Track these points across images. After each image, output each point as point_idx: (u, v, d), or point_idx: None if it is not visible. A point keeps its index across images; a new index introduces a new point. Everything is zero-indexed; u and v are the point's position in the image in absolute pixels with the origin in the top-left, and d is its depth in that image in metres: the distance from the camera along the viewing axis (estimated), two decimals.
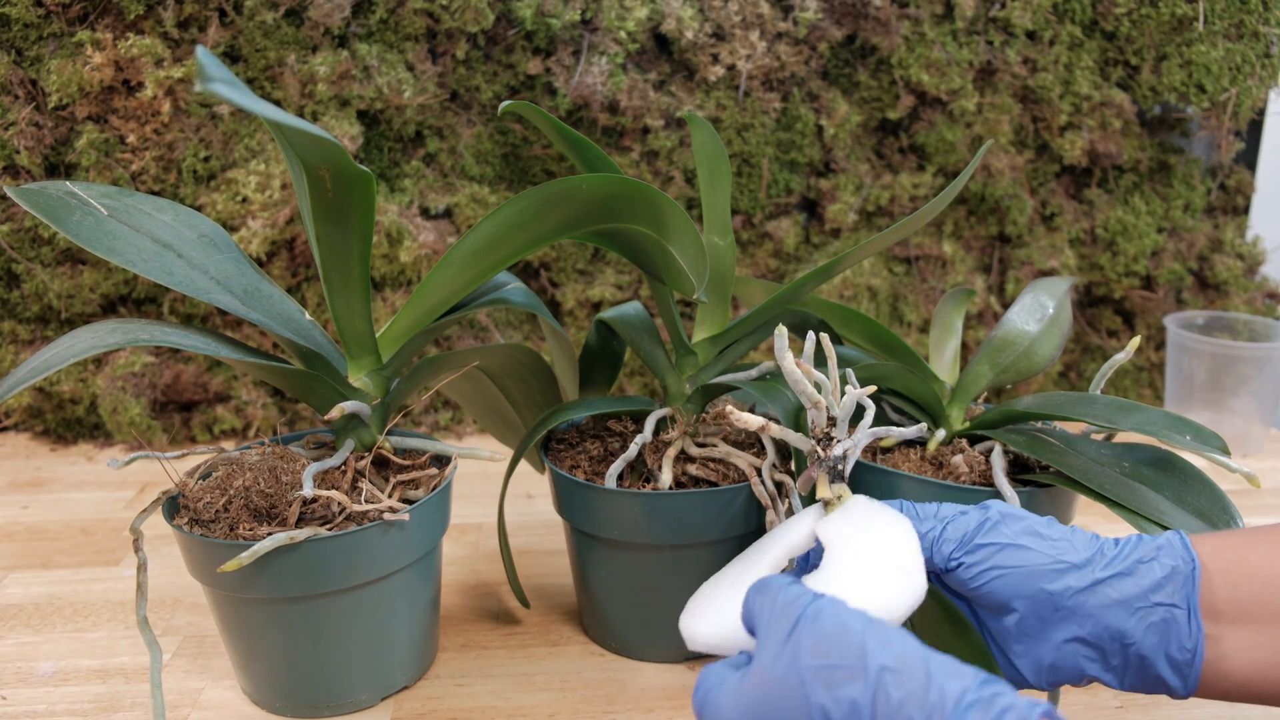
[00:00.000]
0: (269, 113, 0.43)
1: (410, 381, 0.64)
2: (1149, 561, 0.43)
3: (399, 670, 0.62)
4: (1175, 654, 0.42)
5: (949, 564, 0.46)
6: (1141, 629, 0.42)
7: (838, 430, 0.51)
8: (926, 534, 0.47)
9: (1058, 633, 0.44)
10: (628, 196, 0.55)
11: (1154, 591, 0.42)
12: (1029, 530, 0.45)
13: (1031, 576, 0.44)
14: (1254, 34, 1.04)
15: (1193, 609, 0.42)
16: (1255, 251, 1.16)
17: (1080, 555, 0.44)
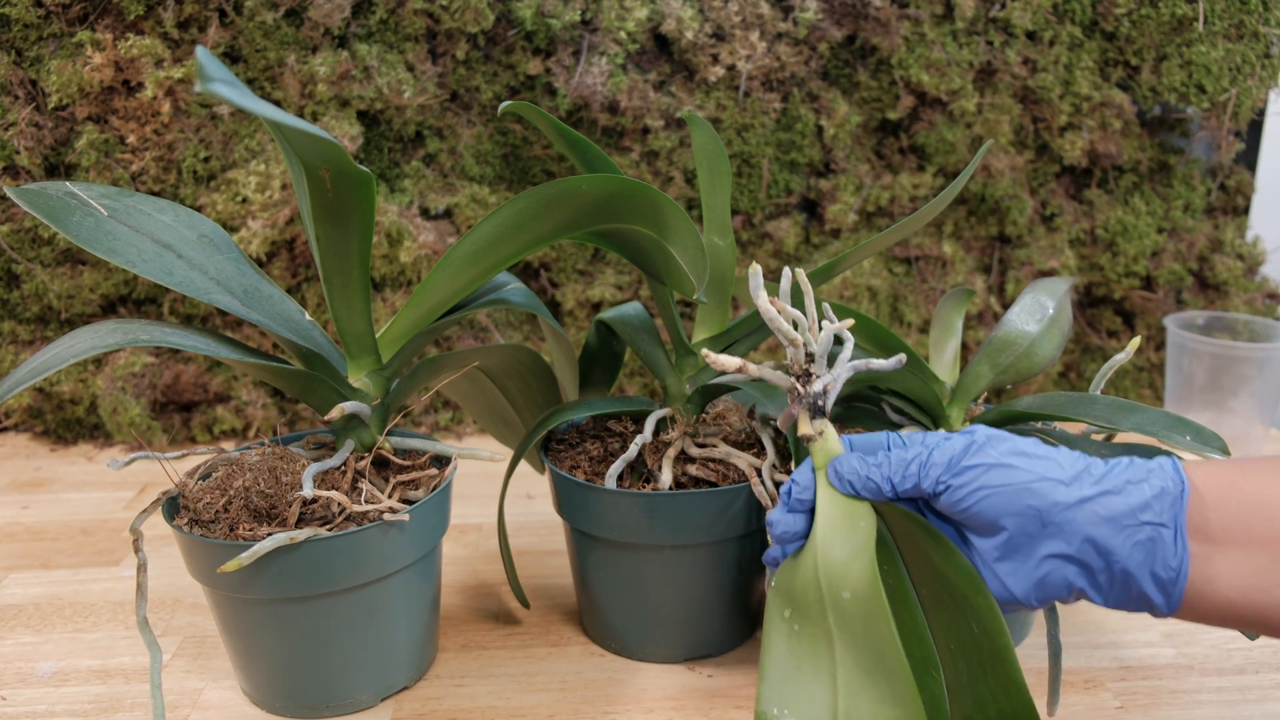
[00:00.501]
0: (269, 113, 0.43)
1: (410, 382, 0.64)
2: (1139, 482, 0.44)
3: (399, 670, 0.62)
4: (1160, 572, 0.43)
5: (937, 488, 0.47)
6: (1128, 547, 0.43)
7: (816, 366, 0.51)
8: (914, 459, 0.47)
9: (1045, 548, 0.44)
10: (628, 197, 0.55)
11: (1142, 510, 0.43)
12: (1015, 450, 0.46)
13: (1019, 494, 0.44)
14: (1254, 34, 1.04)
15: (1179, 529, 0.43)
16: (1255, 252, 1.16)
17: (1067, 473, 0.45)
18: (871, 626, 0.46)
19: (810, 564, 0.49)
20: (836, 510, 0.49)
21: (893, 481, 0.48)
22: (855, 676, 0.46)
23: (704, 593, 0.64)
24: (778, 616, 0.50)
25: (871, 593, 0.46)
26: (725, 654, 0.67)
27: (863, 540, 0.48)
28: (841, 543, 0.48)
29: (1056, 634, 0.56)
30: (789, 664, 0.48)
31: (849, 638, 0.47)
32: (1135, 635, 0.69)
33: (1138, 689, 0.63)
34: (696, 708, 0.61)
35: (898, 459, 0.48)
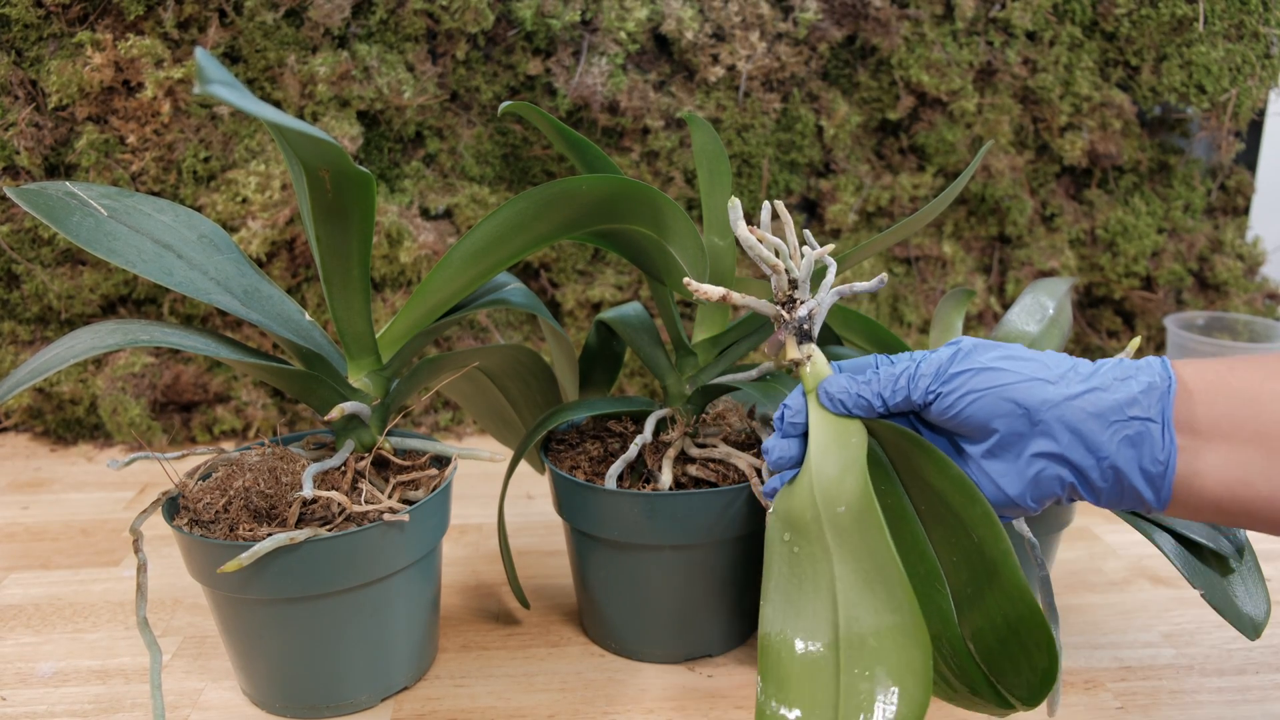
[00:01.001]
0: (268, 114, 0.43)
1: (410, 382, 0.64)
2: (1126, 379, 0.44)
3: (399, 671, 0.62)
4: (1148, 466, 0.43)
5: (927, 397, 0.47)
6: (1115, 442, 0.43)
7: (800, 292, 0.51)
8: (902, 373, 0.48)
9: (1034, 446, 0.44)
10: (628, 197, 0.55)
11: (1129, 405, 0.43)
12: (1002, 355, 0.46)
13: (1007, 394, 0.45)
14: (1254, 34, 1.04)
15: (1166, 423, 0.43)
16: (1255, 252, 1.16)
17: (1054, 372, 0.45)
18: (867, 538, 0.46)
19: (806, 485, 0.49)
20: (828, 430, 0.50)
21: (883, 396, 0.48)
22: (854, 589, 0.46)
23: (704, 593, 0.64)
24: (777, 540, 0.50)
25: (865, 504, 0.46)
26: (725, 654, 0.67)
27: (854, 455, 0.48)
28: (834, 459, 0.49)
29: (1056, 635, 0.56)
30: (790, 584, 0.49)
31: (847, 551, 0.47)
32: (1135, 635, 0.69)
33: (1138, 689, 0.63)
34: (696, 708, 0.61)
35: (886, 374, 0.48)
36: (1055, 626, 0.56)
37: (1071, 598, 0.74)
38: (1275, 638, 0.69)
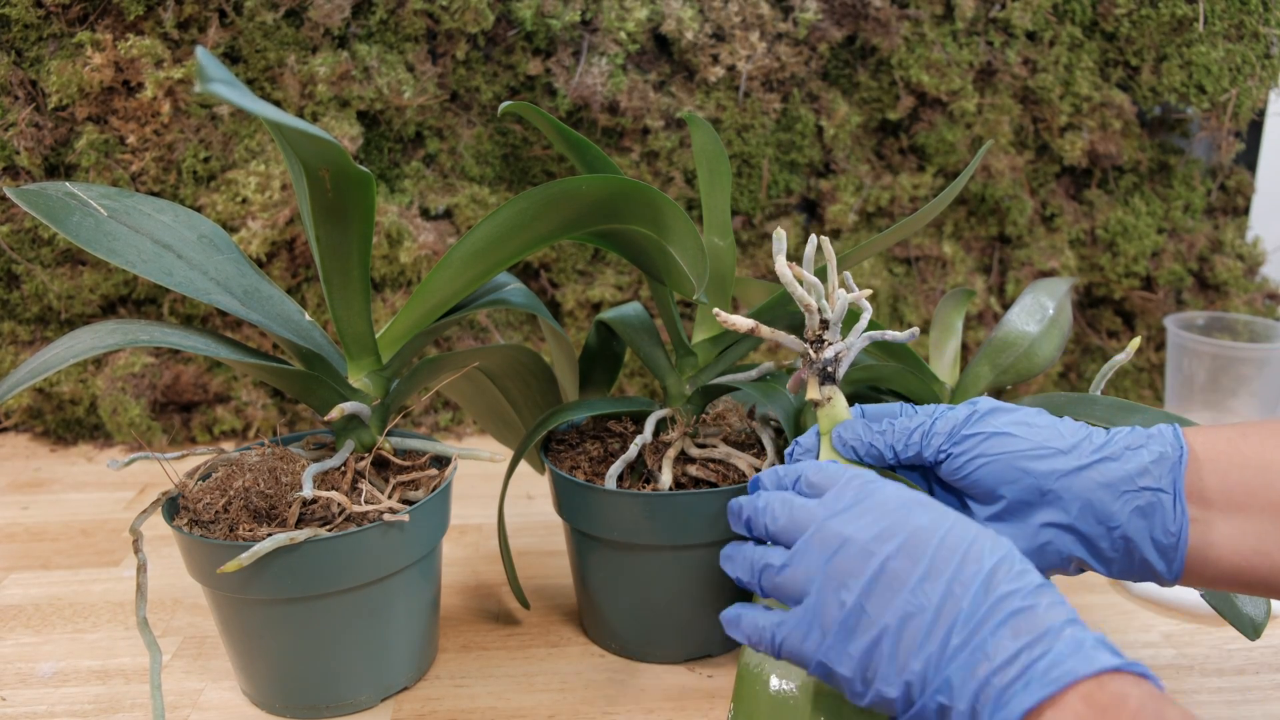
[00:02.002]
0: (269, 113, 0.43)
1: (410, 382, 0.64)
2: (1137, 449, 0.44)
3: (399, 671, 0.62)
4: (1160, 537, 0.43)
5: (938, 456, 0.47)
6: (1126, 512, 0.43)
7: (830, 333, 0.51)
8: (917, 429, 0.48)
9: (1042, 516, 0.44)
10: (628, 197, 0.55)
11: (1140, 476, 0.43)
12: (1017, 421, 0.46)
13: (1017, 462, 0.44)
14: (1254, 35, 1.04)
15: (1178, 494, 0.42)
16: (1255, 252, 1.16)
17: (1067, 442, 0.45)
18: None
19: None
20: None
21: (895, 449, 0.48)
22: None
23: (704, 593, 0.64)
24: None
25: None
26: (725, 654, 0.67)
27: None
28: None
29: None
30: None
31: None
32: (1135, 636, 0.69)
33: None
34: (696, 708, 0.61)
35: (902, 427, 0.48)
36: None
37: (1072, 598, 0.74)
38: (1275, 638, 0.69)
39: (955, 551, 0.38)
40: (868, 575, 0.39)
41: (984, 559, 0.38)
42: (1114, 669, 0.34)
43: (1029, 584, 0.37)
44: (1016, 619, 0.36)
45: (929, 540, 0.39)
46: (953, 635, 0.36)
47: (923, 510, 0.41)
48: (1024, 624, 0.35)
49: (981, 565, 0.37)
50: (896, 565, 0.39)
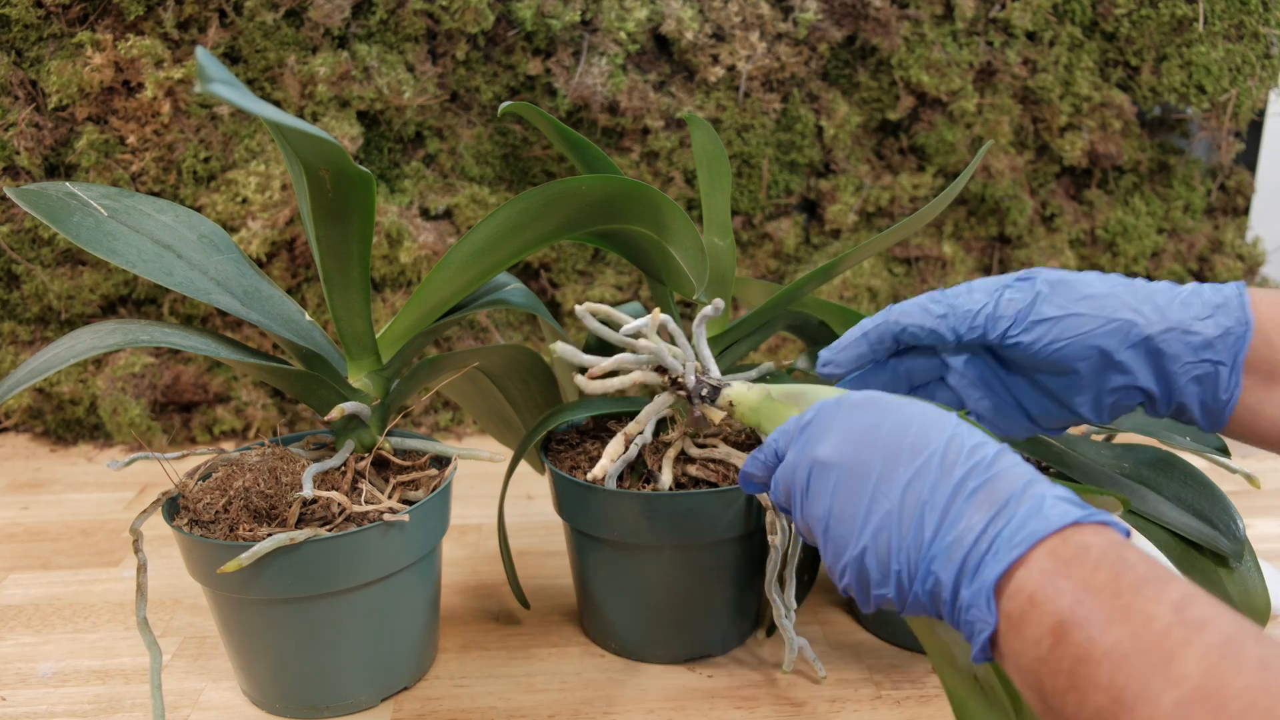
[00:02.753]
0: (269, 113, 0.43)
1: (410, 382, 0.64)
2: (1205, 319, 0.45)
3: (399, 671, 0.62)
4: (1209, 402, 0.46)
5: (1005, 339, 0.48)
6: (1184, 380, 0.45)
7: (675, 367, 0.52)
8: (980, 310, 0.48)
9: (1114, 381, 0.47)
10: (628, 197, 0.55)
11: (1205, 349, 0.45)
12: (1083, 296, 0.47)
13: (1091, 340, 0.46)
14: (1254, 35, 1.04)
15: (1236, 366, 0.45)
16: (1255, 252, 1.16)
17: (1136, 312, 0.46)
18: None
19: None
20: None
21: (958, 330, 0.49)
22: None
23: (704, 593, 0.64)
24: None
25: None
26: (725, 654, 0.67)
27: None
28: None
29: None
30: None
31: None
32: None
33: None
34: (696, 708, 0.61)
35: (963, 308, 0.49)
36: None
37: None
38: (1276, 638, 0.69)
39: (902, 448, 0.39)
40: (828, 498, 0.41)
41: (931, 445, 0.39)
42: (1076, 522, 0.34)
43: (985, 457, 0.38)
44: (978, 495, 0.36)
45: (874, 443, 0.40)
46: (924, 529, 0.37)
47: (863, 411, 0.42)
48: (985, 497, 0.36)
49: (931, 453, 0.38)
50: (850, 482, 0.40)
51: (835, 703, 0.61)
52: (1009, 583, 0.34)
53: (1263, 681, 0.27)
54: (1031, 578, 0.34)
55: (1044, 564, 0.34)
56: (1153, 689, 0.28)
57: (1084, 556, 0.33)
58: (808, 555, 0.68)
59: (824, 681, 0.63)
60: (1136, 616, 0.30)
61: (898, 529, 0.38)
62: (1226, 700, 0.27)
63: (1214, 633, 0.29)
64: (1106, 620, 0.31)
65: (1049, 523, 0.34)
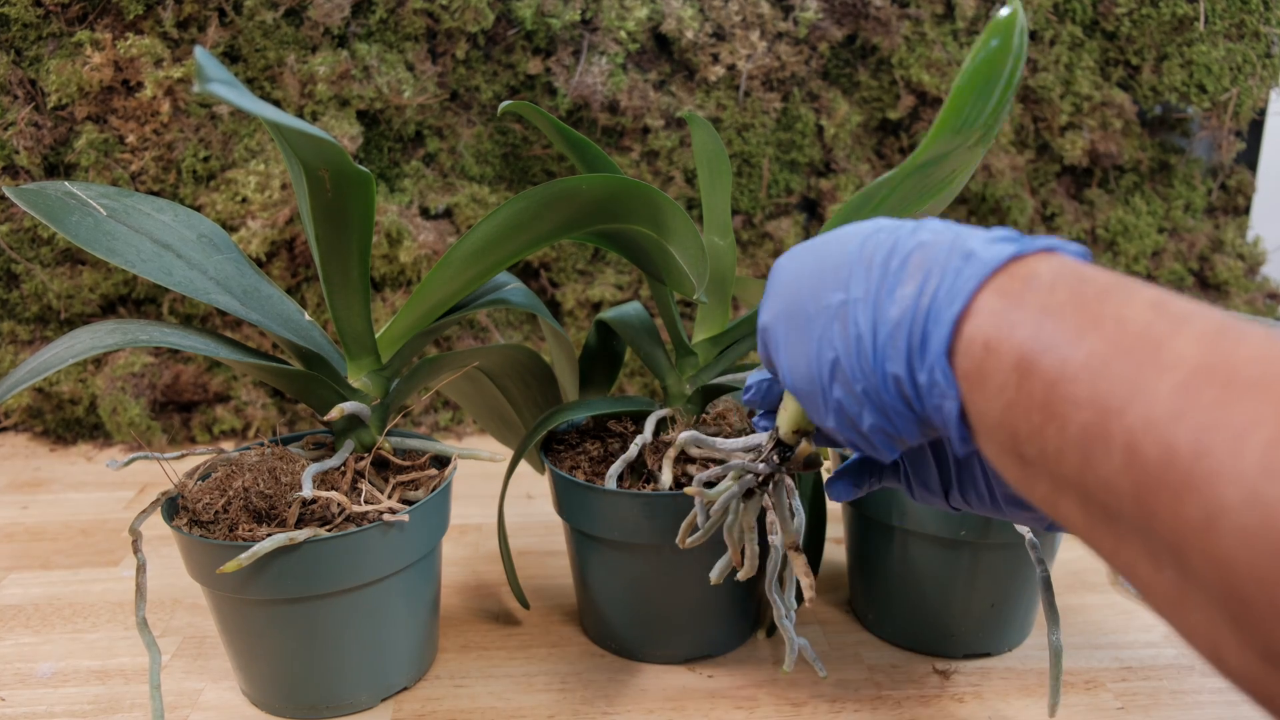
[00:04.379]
0: (268, 113, 0.43)
1: (410, 382, 0.64)
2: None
3: (399, 671, 0.62)
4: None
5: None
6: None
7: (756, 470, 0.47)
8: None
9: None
10: (628, 197, 0.55)
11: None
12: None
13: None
14: (1255, 34, 1.04)
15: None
16: (1256, 252, 1.16)
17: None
18: None
19: None
20: None
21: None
22: None
23: (704, 593, 0.64)
24: None
25: None
26: (725, 654, 0.67)
27: None
28: None
29: (1057, 635, 0.56)
30: None
31: None
32: (1136, 635, 0.69)
33: (1138, 689, 0.63)
34: (697, 708, 0.61)
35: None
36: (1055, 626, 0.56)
37: (1071, 598, 0.74)
38: None
39: (824, 271, 0.36)
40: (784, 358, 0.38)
41: (849, 252, 0.36)
42: (1016, 255, 0.31)
43: (903, 233, 0.34)
44: (904, 271, 0.33)
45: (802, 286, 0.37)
46: (863, 334, 0.34)
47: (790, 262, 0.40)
48: (912, 269, 0.33)
49: (851, 260, 0.35)
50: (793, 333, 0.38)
51: (835, 703, 0.61)
52: (959, 342, 0.31)
53: (1274, 349, 0.23)
54: (981, 325, 0.30)
55: (991, 305, 0.30)
56: (1145, 382, 0.24)
57: (1035, 283, 0.29)
58: (809, 555, 0.68)
59: (824, 681, 0.63)
60: (1109, 323, 0.27)
61: (845, 349, 0.34)
62: (1236, 370, 0.23)
63: (1203, 320, 0.25)
64: (1075, 335, 0.27)
65: (985, 264, 0.31)
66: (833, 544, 0.81)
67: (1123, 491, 0.25)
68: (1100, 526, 0.27)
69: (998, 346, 0.29)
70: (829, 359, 0.35)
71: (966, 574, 0.64)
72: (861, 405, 0.35)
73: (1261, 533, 0.21)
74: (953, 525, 0.62)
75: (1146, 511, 0.24)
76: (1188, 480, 0.23)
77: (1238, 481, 0.22)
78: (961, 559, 0.63)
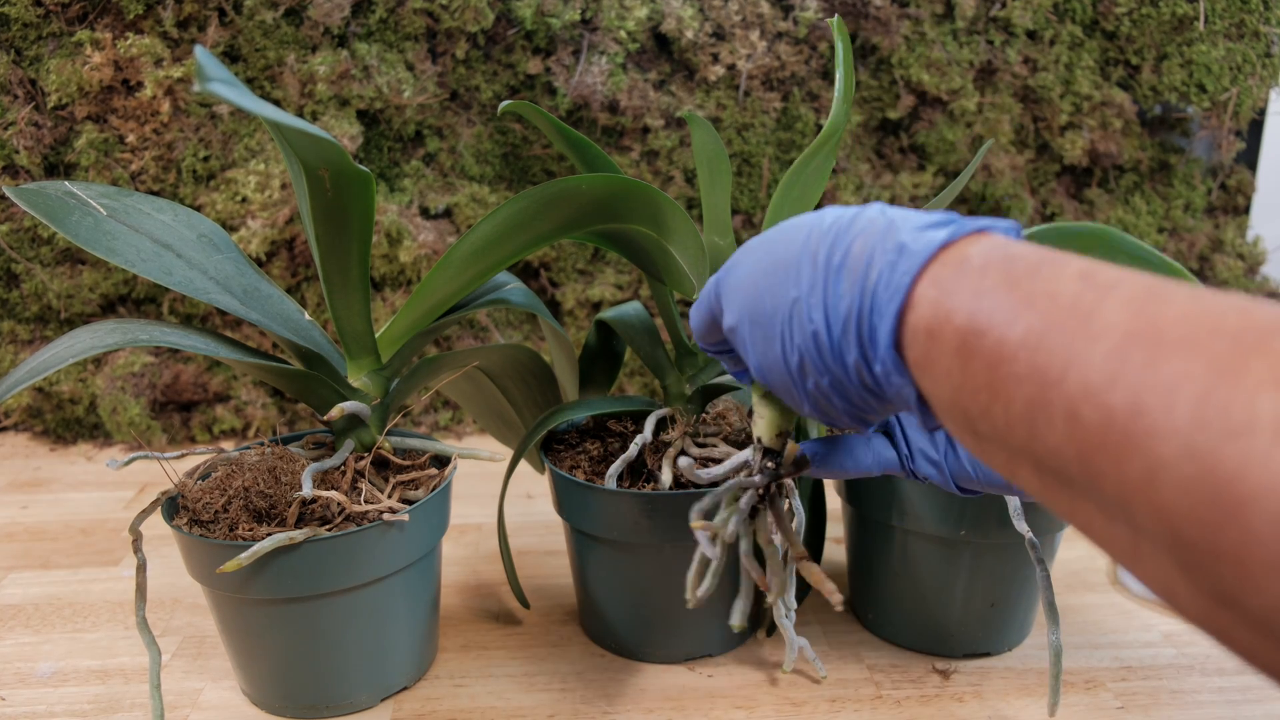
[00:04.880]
0: (268, 113, 0.43)
1: (410, 382, 0.64)
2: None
3: (399, 671, 0.62)
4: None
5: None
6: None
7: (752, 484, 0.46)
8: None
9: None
10: (628, 196, 0.55)
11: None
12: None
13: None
14: (1255, 34, 1.04)
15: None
16: (1256, 251, 1.16)
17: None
18: None
19: None
20: None
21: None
22: None
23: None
24: None
25: None
26: (725, 654, 0.67)
27: None
28: None
29: (1057, 634, 0.56)
30: None
31: None
32: (1136, 635, 0.69)
33: (1138, 689, 0.63)
34: (696, 708, 0.61)
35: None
36: (1055, 626, 0.56)
37: (1071, 597, 0.74)
38: None
39: (778, 267, 0.37)
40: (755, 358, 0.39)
41: (796, 247, 0.36)
42: (945, 243, 0.32)
43: (842, 223, 0.35)
44: (845, 266, 0.34)
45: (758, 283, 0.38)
46: (819, 332, 0.35)
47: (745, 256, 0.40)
48: (852, 264, 0.34)
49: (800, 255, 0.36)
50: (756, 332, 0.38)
51: (835, 703, 0.61)
52: (905, 333, 0.32)
53: (1199, 306, 0.24)
54: (921, 315, 0.31)
55: (928, 294, 0.31)
56: (1079, 351, 0.25)
57: (966, 267, 0.30)
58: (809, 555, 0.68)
59: (824, 681, 0.63)
60: (1040, 299, 0.27)
61: (804, 345, 0.35)
62: (1163, 331, 0.24)
63: (1130, 286, 0.26)
64: (1009, 315, 0.28)
65: (916, 256, 0.32)
66: (833, 544, 0.81)
67: (1069, 457, 0.26)
68: (1055, 490, 0.28)
69: (938, 333, 0.30)
70: (794, 357, 0.36)
71: (966, 574, 0.64)
72: (830, 395, 0.36)
73: (1199, 481, 0.22)
74: (953, 525, 0.62)
75: (1093, 473, 0.25)
76: (1127, 440, 0.24)
77: (1172, 436, 0.23)
78: (961, 559, 0.63)
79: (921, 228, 0.33)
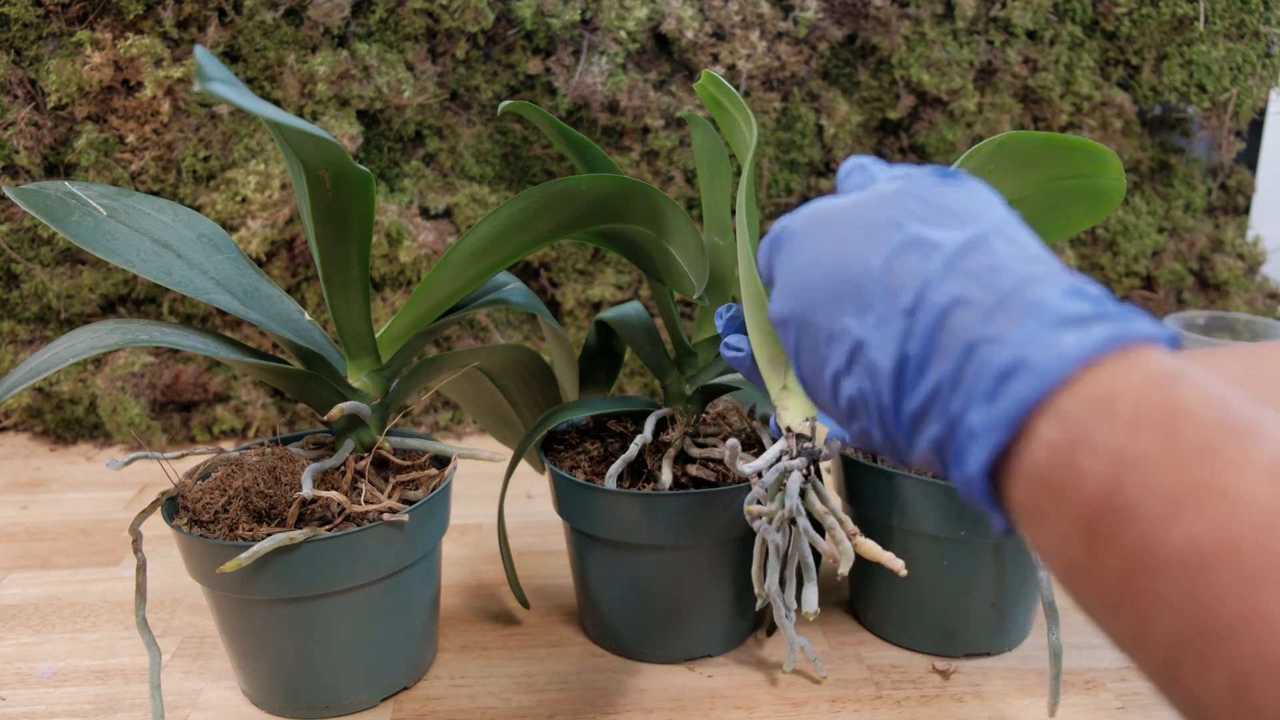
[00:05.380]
0: (268, 113, 0.43)
1: (410, 382, 0.64)
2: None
3: (399, 671, 0.62)
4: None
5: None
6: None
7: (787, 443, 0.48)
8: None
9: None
10: (628, 196, 0.55)
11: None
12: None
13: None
14: (1255, 34, 1.04)
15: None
16: (1256, 251, 1.16)
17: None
18: None
19: None
20: None
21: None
22: None
23: (704, 593, 0.64)
24: None
25: None
26: (725, 654, 0.67)
27: None
28: None
29: (1057, 634, 0.56)
30: None
31: None
32: None
33: (1138, 689, 0.63)
34: (696, 708, 0.61)
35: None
36: (1055, 626, 0.56)
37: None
38: None
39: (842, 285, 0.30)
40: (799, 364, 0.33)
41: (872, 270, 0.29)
42: (1087, 361, 0.24)
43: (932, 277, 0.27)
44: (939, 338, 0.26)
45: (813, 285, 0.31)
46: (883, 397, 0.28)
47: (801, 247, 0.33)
48: (941, 355, 0.26)
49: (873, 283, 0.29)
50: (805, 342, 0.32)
51: (835, 703, 0.61)
52: (1007, 466, 0.25)
53: None
54: (1036, 459, 0.24)
55: (1049, 436, 0.23)
56: (1267, 605, 0.18)
57: (1110, 414, 0.22)
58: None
59: (824, 681, 0.63)
60: (1215, 501, 0.20)
61: (862, 396, 0.29)
62: None
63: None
64: (1166, 510, 0.21)
65: (1042, 379, 0.24)
66: None
67: (1213, 706, 0.20)
68: (1150, 680, 0.23)
69: (1059, 493, 0.23)
70: (845, 396, 0.30)
71: (966, 574, 0.64)
72: (880, 445, 0.31)
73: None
74: (953, 525, 0.62)
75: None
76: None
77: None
78: (961, 559, 0.63)
79: (1055, 324, 0.24)
